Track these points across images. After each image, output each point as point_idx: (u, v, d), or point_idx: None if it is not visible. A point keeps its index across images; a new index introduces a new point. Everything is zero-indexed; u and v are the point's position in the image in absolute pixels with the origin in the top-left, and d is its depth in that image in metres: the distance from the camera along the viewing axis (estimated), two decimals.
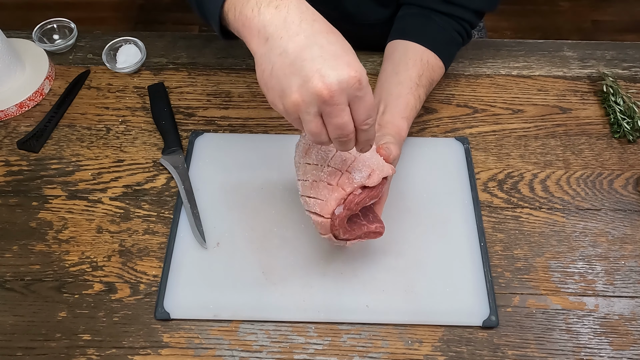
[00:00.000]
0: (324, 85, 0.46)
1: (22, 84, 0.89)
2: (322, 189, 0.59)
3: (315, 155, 0.61)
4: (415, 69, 0.75)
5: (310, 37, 0.48)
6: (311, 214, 0.61)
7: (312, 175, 0.60)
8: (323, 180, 0.59)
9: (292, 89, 0.48)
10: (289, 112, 0.49)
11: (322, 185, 0.59)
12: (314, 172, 0.60)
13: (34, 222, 0.75)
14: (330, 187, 0.58)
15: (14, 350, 0.65)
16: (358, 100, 0.48)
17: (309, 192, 0.60)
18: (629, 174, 0.80)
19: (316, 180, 0.60)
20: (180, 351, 0.65)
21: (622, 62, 0.94)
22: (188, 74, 0.93)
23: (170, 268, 0.70)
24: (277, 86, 0.49)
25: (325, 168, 0.59)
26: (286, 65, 0.48)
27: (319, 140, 0.51)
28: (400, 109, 0.72)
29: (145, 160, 0.82)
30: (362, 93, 0.47)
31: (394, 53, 0.78)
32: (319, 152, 0.61)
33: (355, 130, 0.50)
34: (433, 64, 0.78)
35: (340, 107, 0.47)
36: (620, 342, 0.66)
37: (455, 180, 0.78)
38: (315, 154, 0.61)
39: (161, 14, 2.16)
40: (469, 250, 0.72)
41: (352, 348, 0.65)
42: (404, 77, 0.74)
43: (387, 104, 0.72)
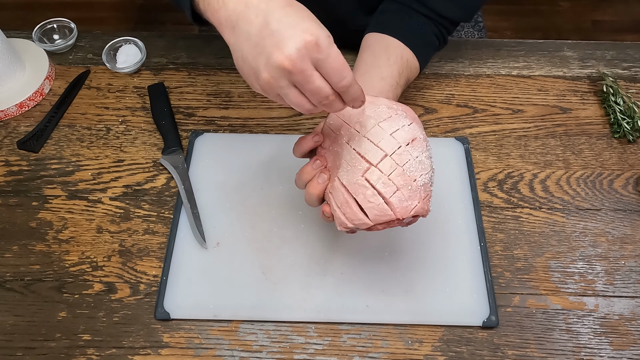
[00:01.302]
0: (284, 56, 0.47)
1: (22, 84, 0.89)
2: (414, 192, 0.55)
3: (420, 154, 0.56)
4: (397, 67, 0.73)
5: (268, 15, 0.48)
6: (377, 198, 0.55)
7: (408, 167, 0.55)
8: (417, 185, 0.55)
9: (260, 69, 0.49)
10: (267, 92, 0.50)
11: (415, 188, 0.55)
12: (411, 166, 0.56)
13: (34, 222, 0.75)
14: (420, 197, 0.56)
15: (14, 350, 0.65)
16: (322, 63, 0.48)
17: (396, 178, 0.55)
18: (629, 174, 0.80)
19: (410, 177, 0.55)
20: (180, 351, 0.65)
21: (622, 62, 0.95)
22: (188, 74, 0.93)
23: (170, 268, 0.70)
24: (250, 70, 0.51)
25: (424, 175, 0.56)
26: (252, 48, 0.49)
27: (305, 109, 0.51)
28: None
29: (145, 160, 0.82)
30: (324, 55, 0.47)
31: (374, 45, 0.76)
32: (422, 156, 0.56)
33: None
34: (411, 64, 0.77)
35: (307, 72, 0.48)
36: (620, 342, 0.66)
37: (455, 180, 0.78)
38: (421, 154, 0.56)
39: (161, 14, 2.16)
40: (469, 250, 0.72)
41: (352, 348, 0.65)
42: (387, 73, 0.72)
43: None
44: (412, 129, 0.57)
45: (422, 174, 0.56)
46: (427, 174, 0.56)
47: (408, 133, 0.57)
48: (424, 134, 0.59)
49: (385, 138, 0.56)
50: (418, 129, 0.58)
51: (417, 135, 0.57)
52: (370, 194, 0.55)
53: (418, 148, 0.56)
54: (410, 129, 0.57)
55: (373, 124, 0.57)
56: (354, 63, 0.92)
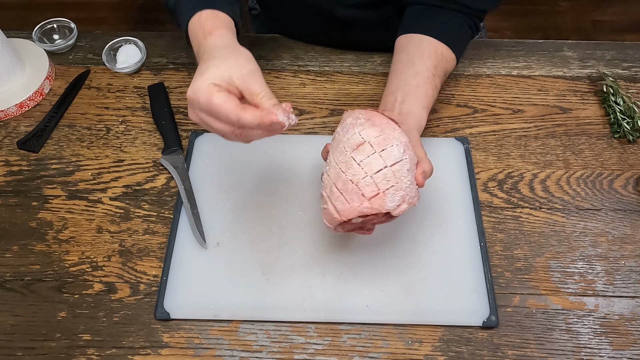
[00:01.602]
0: (188, 114, 0.59)
1: (22, 84, 0.89)
2: (353, 194, 0.59)
3: (365, 158, 0.60)
4: (431, 60, 0.76)
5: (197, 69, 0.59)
6: (328, 202, 0.60)
7: (351, 172, 0.59)
8: (359, 187, 0.59)
9: None
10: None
11: (355, 190, 0.59)
12: (355, 171, 0.59)
13: (34, 222, 0.75)
14: (362, 198, 0.59)
15: (14, 350, 0.65)
16: (208, 112, 0.56)
17: (338, 183, 0.60)
18: (629, 174, 0.80)
19: (352, 181, 0.59)
20: (180, 351, 0.65)
21: (622, 62, 0.95)
22: (188, 74, 0.93)
23: (170, 268, 0.70)
24: None
25: (368, 178, 0.59)
26: None
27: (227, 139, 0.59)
28: (420, 98, 0.73)
29: (145, 160, 0.82)
30: (204, 106, 0.55)
31: (407, 46, 0.79)
32: (371, 159, 0.60)
33: None
34: (447, 56, 0.78)
35: (204, 120, 0.57)
36: (620, 342, 0.66)
37: (455, 180, 0.78)
38: (366, 158, 0.60)
39: (161, 14, 2.16)
40: (469, 250, 0.72)
41: (352, 348, 0.65)
42: (421, 67, 0.75)
43: (406, 94, 0.73)
44: (362, 134, 0.61)
45: (364, 177, 0.59)
46: (376, 173, 0.59)
47: (355, 140, 0.61)
48: (380, 132, 0.61)
49: (338, 148, 0.62)
50: (371, 133, 0.61)
51: (365, 139, 0.61)
52: (323, 201, 0.62)
53: (363, 152, 0.60)
54: (358, 135, 0.61)
55: (336, 136, 0.63)
56: (365, 60, 0.93)
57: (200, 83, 0.55)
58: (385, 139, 0.61)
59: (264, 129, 0.55)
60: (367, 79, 0.92)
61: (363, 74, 0.92)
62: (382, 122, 0.63)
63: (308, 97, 0.89)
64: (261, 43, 0.96)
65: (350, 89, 0.90)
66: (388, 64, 0.93)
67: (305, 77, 0.92)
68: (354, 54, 0.95)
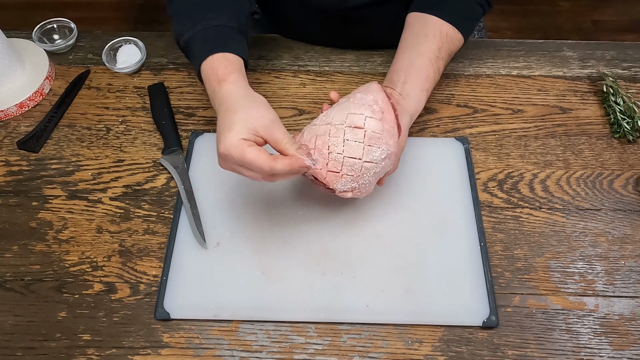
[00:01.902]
0: (218, 162, 0.63)
1: (22, 84, 0.89)
2: (321, 157, 0.64)
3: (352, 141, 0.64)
4: (435, 41, 0.77)
5: (218, 118, 0.64)
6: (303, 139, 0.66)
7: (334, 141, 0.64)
8: (329, 157, 0.64)
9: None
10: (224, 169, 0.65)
11: (324, 155, 0.64)
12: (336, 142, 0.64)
13: (34, 222, 0.75)
14: (324, 165, 0.64)
15: (14, 350, 0.65)
16: (240, 164, 0.60)
17: (319, 139, 0.64)
18: (629, 174, 0.80)
19: (329, 147, 0.64)
20: (180, 351, 0.65)
21: (622, 62, 0.95)
22: (188, 74, 0.93)
23: (170, 268, 0.70)
24: None
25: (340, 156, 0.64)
26: None
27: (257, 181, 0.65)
28: (421, 80, 0.75)
29: (145, 160, 0.82)
30: (236, 160, 0.60)
31: (414, 24, 0.80)
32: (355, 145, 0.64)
33: None
34: (452, 36, 0.79)
35: (235, 170, 0.62)
36: (620, 342, 0.66)
37: (455, 180, 0.78)
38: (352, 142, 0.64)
39: (161, 14, 2.15)
40: (469, 250, 0.72)
41: (352, 348, 0.65)
42: (425, 48, 0.77)
43: (408, 75, 0.75)
44: (366, 122, 0.64)
45: (339, 153, 0.64)
46: (349, 158, 0.64)
47: (358, 121, 0.64)
48: (381, 131, 0.65)
49: (343, 111, 0.65)
50: (373, 126, 0.64)
51: (366, 126, 0.64)
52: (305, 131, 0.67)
53: (354, 135, 0.64)
54: (362, 119, 0.64)
55: (352, 98, 0.67)
56: (364, 60, 0.93)
57: (230, 139, 0.59)
58: (379, 139, 0.64)
59: (292, 173, 0.62)
60: (367, 79, 0.92)
61: (363, 74, 0.92)
62: (388, 124, 0.66)
63: (308, 97, 0.89)
64: (261, 43, 0.96)
65: (350, 89, 0.90)
66: (388, 64, 0.93)
67: (305, 77, 0.92)
68: (354, 54, 0.95)
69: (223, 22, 0.71)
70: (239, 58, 0.69)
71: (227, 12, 0.73)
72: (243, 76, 0.68)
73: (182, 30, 0.72)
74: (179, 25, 0.73)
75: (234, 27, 0.72)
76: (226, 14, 0.72)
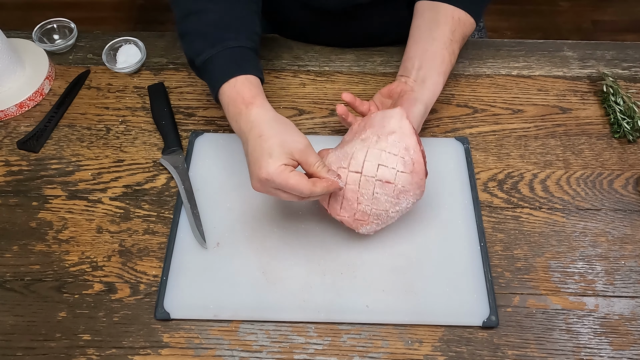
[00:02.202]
0: (253, 185, 0.65)
1: (22, 84, 0.89)
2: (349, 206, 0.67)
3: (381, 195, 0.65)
4: (448, 26, 0.78)
5: (247, 144, 0.65)
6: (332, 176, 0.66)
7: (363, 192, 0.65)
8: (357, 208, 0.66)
9: (251, 179, 0.66)
10: (260, 191, 0.66)
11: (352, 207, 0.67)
12: (366, 194, 0.65)
13: (34, 222, 0.75)
14: (352, 214, 0.67)
15: (14, 350, 0.65)
16: (280, 187, 0.62)
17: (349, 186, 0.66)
18: (629, 174, 0.80)
19: (358, 199, 0.66)
20: (180, 351, 0.65)
21: (622, 62, 0.95)
22: (188, 74, 0.93)
23: (170, 268, 0.70)
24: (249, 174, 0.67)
25: (368, 207, 0.66)
26: (248, 161, 0.66)
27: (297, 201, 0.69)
28: (437, 64, 0.76)
29: (145, 160, 0.82)
30: (277, 184, 0.62)
31: (424, 12, 0.81)
32: (384, 199, 0.65)
33: None
34: (464, 20, 0.79)
35: (272, 193, 0.64)
36: (620, 342, 0.66)
37: (455, 180, 0.78)
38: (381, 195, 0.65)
39: (161, 14, 2.15)
40: (469, 250, 0.72)
41: (352, 348, 0.65)
42: (438, 34, 0.78)
43: (423, 61, 0.76)
44: (398, 176, 0.64)
45: (366, 205, 0.66)
46: (377, 210, 0.66)
47: (389, 175, 0.64)
48: (410, 185, 0.65)
49: (373, 163, 0.65)
50: (404, 179, 0.65)
51: (396, 181, 0.64)
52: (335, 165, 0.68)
53: (384, 189, 0.65)
54: (395, 174, 0.64)
55: (379, 141, 0.65)
56: (365, 60, 0.93)
57: (273, 165, 0.61)
58: (407, 192, 0.66)
59: (325, 195, 0.66)
60: (367, 79, 0.92)
61: (363, 74, 0.92)
62: (418, 176, 0.66)
63: (308, 97, 0.89)
64: (261, 43, 0.96)
65: (350, 89, 0.90)
66: (388, 64, 0.93)
67: (305, 77, 0.92)
68: (354, 54, 0.95)
69: (241, 44, 0.72)
70: (259, 79, 0.71)
71: (244, 33, 0.73)
72: (266, 98, 0.69)
73: (198, 50, 0.72)
74: (194, 45, 0.73)
75: (251, 47, 0.73)
76: (243, 34, 0.73)
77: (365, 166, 0.65)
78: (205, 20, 0.73)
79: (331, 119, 0.86)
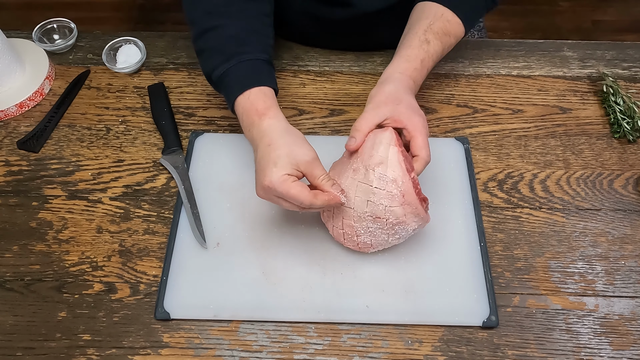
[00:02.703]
0: (257, 192, 0.66)
1: (22, 84, 0.89)
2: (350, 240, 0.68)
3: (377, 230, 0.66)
4: (428, 20, 0.77)
5: (256, 152, 0.67)
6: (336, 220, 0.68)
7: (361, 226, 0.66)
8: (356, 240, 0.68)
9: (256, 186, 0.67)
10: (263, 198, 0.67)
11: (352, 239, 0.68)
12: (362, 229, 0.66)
13: (34, 222, 0.75)
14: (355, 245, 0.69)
15: (14, 350, 0.65)
16: (281, 196, 0.63)
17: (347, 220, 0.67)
18: (629, 174, 0.80)
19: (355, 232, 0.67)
20: (180, 351, 0.65)
21: (622, 62, 0.95)
22: (188, 74, 0.93)
23: (170, 268, 0.70)
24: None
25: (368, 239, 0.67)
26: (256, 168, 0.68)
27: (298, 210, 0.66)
28: (400, 50, 0.76)
29: (145, 160, 0.82)
30: (279, 193, 0.63)
31: (411, 15, 0.81)
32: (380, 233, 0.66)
33: None
34: (449, 18, 0.78)
35: (274, 200, 0.65)
36: (620, 342, 0.66)
37: (455, 180, 0.78)
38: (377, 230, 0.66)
39: (161, 14, 2.15)
40: (469, 250, 0.72)
41: (352, 348, 0.65)
42: (412, 29, 0.78)
43: (396, 55, 0.76)
44: (387, 210, 0.64)
45: (366, 237, 0.66)
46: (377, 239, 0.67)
47: (378, 211, 0.64)
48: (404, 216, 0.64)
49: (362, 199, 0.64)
50: (396, 212, 0.63)
51: (387, 215, 0.64)
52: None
53: (379, 223, 0.65)
54: (384, 209, 0.64)
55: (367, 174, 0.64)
56: (365, 60, 0.93)
57: (276, 174, 0.63)
58: (402, 223, 0.65)
59: (326, 208, 0.66)
60: (367, 79, 0.92)
61: (363, 74, 0.92)
62: (411, 206, 0.64)
63: (308, 97, 0.89)
64: None
65: (350, 89, 0.90)
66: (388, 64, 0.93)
67: (305, 77, 0.92)
68: (354, 54, 0.95)
69: (256, 56, 0.73)
70: (272, 91, 0.72)
71: (259, 46, 0.74)
72: (280, 110, 0.70)
73: (215, 65, 0.73)
74: (210, 61, 0.74)
75: (266, 60, 0.73)
76: (258, 47, 0.74)
77: (355, 202, 0.64)
78: (222, 35, 0.74)
79: (331, 119, 0.86)
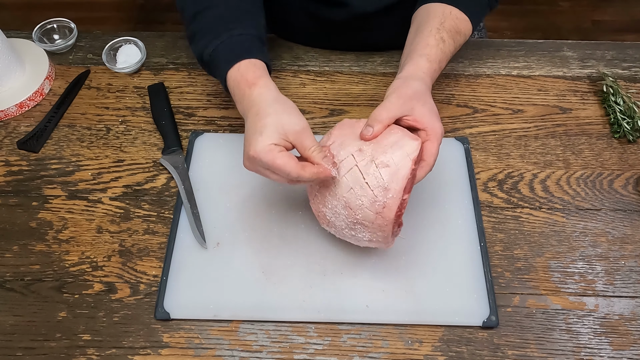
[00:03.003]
0: (243, 163, 0.64)
1: (22, 84, 0.89)
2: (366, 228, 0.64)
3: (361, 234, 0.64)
4: (437, 18, 0.76)
5: (245, 121, 0.66)
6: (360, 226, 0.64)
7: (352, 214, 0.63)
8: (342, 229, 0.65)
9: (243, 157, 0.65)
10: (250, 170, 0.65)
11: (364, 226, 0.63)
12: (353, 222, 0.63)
13: (34, 222, 0.75)
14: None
15: (14, 350, 0.65)
16: (267, 167, 0.61)
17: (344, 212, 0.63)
18: (629, 174, 0.80)
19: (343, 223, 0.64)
20: (180, 351, 0.65)
21: (622, 62, 0.95)
22: (188, 74, 0.93)
23: (170, 268, 0.70)
24: None
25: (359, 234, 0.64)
26: None
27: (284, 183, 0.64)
28: (418, 49, 0.72)
29: (145, 160, 0.82)
30: (264, 164, 0.60)
31: (417, 16, 0.80)
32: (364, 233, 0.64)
33: None
34: (457, 15, 0.77)
35: (260, 172, 0.63)
36: (620, 342, 0.66)
37: (455, 180, 0.78)
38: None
39: (161, 14, 2.16)
40: (469, 250, 0.72)
41: (352, 348, 0.65)
42: (424, 27, 0.75)
43: (408, 56, 0.73)
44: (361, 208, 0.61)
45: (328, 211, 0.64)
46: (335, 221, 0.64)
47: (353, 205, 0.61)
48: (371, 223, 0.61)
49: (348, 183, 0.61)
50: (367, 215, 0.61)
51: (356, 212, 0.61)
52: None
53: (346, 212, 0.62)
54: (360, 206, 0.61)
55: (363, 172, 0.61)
56: (364, 60, 0.93)
57: (262, 143, 0.60)
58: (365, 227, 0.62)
59: (316, 182, 0.63)
60: (367, 79, 0.92)
61: (363, 74, 0.92)
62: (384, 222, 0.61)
63: (308, 97, 0.89)
64: None
65: (350, 89, 0.90)
66: (388, 64, 0.93)
67: (305, 77, 0.92)
68: (354, 54, 0.95)
69: (246, 32, 0.72)
70: (264, 63, 0.70)
71: (249, 23, 0.73)
72: (271, 80, 0.68)
73: (205, 44, 0.72)
74: (201, 42, 0.73)
75: (256, 35, 0.73)
76: (248, 24, 0.73)
77: (341, 181, 0.61)
78: (212, 15, 0.73)
79: (331, 119, 0.86)
